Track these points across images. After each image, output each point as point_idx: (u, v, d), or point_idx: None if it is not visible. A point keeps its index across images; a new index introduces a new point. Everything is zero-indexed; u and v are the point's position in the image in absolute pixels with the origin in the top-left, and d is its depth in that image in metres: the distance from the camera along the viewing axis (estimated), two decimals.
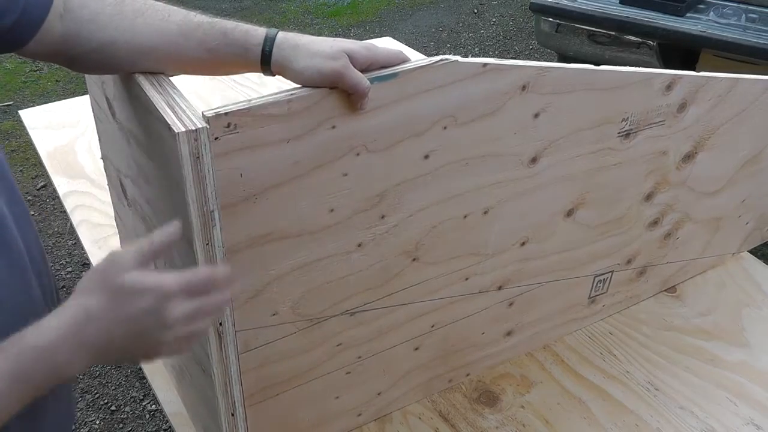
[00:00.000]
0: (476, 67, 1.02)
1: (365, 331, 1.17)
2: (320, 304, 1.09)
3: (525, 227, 1.25)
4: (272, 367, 1.10)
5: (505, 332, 1.39)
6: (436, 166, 1.07)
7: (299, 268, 1.03)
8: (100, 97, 1.26)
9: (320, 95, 0.91)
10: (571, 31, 3.11)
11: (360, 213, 1.04)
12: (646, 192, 1.39)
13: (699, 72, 1.30)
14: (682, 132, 1.34)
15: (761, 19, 2.65)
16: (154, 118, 0.88)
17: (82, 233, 1.82)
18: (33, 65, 4.70)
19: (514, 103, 1.09)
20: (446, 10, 5.77)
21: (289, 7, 5.85)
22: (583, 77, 1.14)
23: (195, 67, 0.99)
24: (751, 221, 1.70)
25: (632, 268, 1.51)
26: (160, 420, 2.38)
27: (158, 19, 0.94)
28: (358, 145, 0.98)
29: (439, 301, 1.23)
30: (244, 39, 0.93)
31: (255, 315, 1.03)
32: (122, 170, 1.26)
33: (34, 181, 3.53)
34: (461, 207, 1.14)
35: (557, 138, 1.17)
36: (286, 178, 0.94)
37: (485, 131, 1.08)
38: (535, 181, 1.20)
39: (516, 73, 1.06)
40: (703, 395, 1.39)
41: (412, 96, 0.98)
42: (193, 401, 1.28)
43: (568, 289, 1.42)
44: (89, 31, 0.93)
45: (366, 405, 1.28)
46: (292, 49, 0.93)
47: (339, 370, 1.19)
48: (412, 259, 1.14)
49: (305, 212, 0.99)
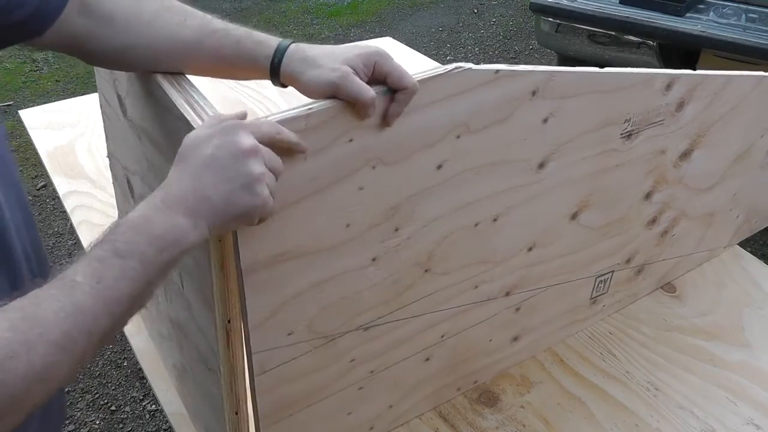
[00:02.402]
0: (489, 74, 1.00)
1: (378, 345, 1.15)
2: (335, 320, 1.06)
3: (532, 232, 1.24)
4: (287, 387, 1.08)
5: (511, 338, 1.38)
6: (448, 176, 1.05)
7: (315, 285, 1.00)
8: (111, 95, 1.24)
9: (337, 109, 0.89)
10: (571, 31, 3.12)
11: (375, 227, 1.01)
12: (645, 191, 1.39)
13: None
14: (679, 130, 1.35)
15: (761, 19, 2.68)
16: (174, 116, 0.88)
17: (82, 233, 1.80)
18: (33, 65, 4.63)
19: (524, 108, 1.07)
20: (446, 10, 5.77)
21: (289, 7, 5.81)
22: (589, 80, 1.14)
23: (208, 73, 0.99)
24: (741, 215, 1.71)
25: (631, 267, 1.51)
26: (160, 420, 2.36)
27: (174, 23, 0.93)
28: (374, 158, 0.95)
29: (450, 311, 1.21)
30: (255, 50, 0.93)
31: (271, 336, 1.00)
32: (130, 168, 1.24)
33: (34, 181, 3.50)
34: (472, 216, 1.13)
35: (564, 142, 1.17)
36: (304, 194, 0.91)
37: (496, 138, 1.07)
38: (543, 186, 1.19)
39: (526, 78, 1.05)
40: (703, 395, 1.39)
41: (426, 105, 0.96)
42: (196, 401, 1.26)
43: (571, 291, 1.41)
44: (107, 32, 0.93)
45: (377, 419, 1.26)
46: (300, 62, 0.92)
47: (352, 386, 1.17)
48: (424, 270, 1.12)
49: (322, 228, 0.96)
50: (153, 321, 1.44)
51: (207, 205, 0.76)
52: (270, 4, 5.87)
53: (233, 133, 0.78)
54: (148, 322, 1.50)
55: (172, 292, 1.17)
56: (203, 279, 0.96)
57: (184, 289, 1.09)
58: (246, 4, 5.83)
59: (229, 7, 5.69)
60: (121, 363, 2.59)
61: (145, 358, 1.48)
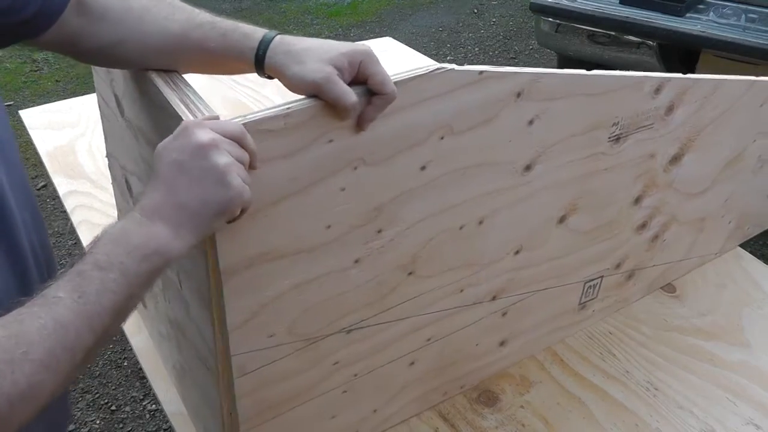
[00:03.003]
0: (472, 74, 0.99)
1: (361, 348, 1.14)
2: (317, 323, 1.05)
3: (519, 236, 1.23)
4: (268, 390, 1.07)
5: (498, 342, 1.37)
6: (432, 178, 1.04)
7: (296, 287, 0.99)
8: (108, 95, 1.24)
9: (317, 108, 0.88)
10: (571, 31, 3.11)
11: (357, 228, 1.00)
12: (635, 195, 1.38)
13: (698, 72, 1.30)
14: (669, 134, 1.34)
15: (761, 19, 2.67)
16: (168, 115, 0.87)
17: (82, 233, 1.80)
18: (33, 65, 4.64)
19: (510, 110, 1.06)
20: (446, 10, 5.78)
21: (289, 7, 5.82)
22: (577, 82, 1.13)
23: (198, 68, 0.99)
24: (733, 220, 1.70)
25: (621, 272, 1.50)
26: (160, 420, 2.35)
27: (162, 17, 0.93)
28: (355, 159, 0.94)
29: (435, 314, 1.20)
30: (241, 42, 0.92)
31: (251, 338, 0.99)
32: (128, 168, 1.24)
33: (34, 181, 3.50)
34: (457, 218, 1.12)
35: (551, 144, 1.16)
36: (284, 194, 0.90)
37: (481, 140, 1.06)
38: (529, 189, 1.18)
39: (511, 80, 1.04)
40: (702, 395, 1.39)
41: (408, 106, 0.95)
42: (195, 401, 1.25)
43: (559, 296, 1.40)
44: (100, 28, 0.93)
45: (362, 423, 1.25)
46: (285, 55, 0.90)
47: (335, 389, 1.16)
48: (408, 273, 1.11)
49: (303, 229, 0.95)
50: (152, 321, 1.43)
51: (184, 212, 0.76)
52: (270, 4, 5.88)
53: (190, 133, 0.78)
54: (148, 321, 1.49)
55: (170, 292, 1.16)
56: (200, 279, 0.96)
57: (182, 289, 1.08)
58: (246, 4, 5.84)
59: (229, 7, 5.70)
60: (121, 363, 2.59)
61: (145, 358, 1.48)
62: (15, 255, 0.87)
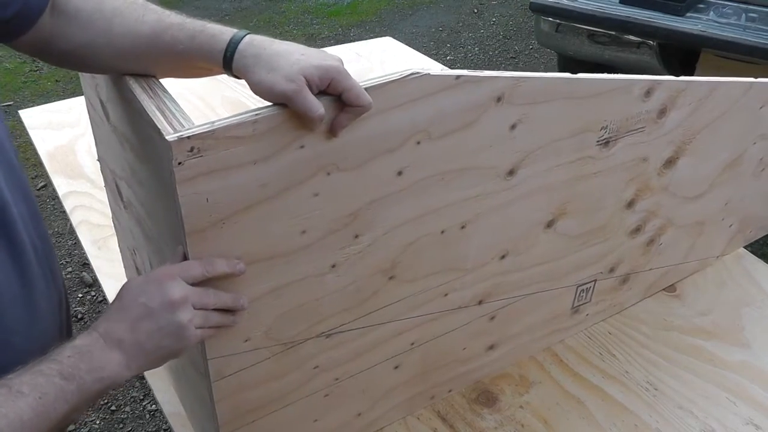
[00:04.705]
0: (449, 79, 0.98)
1: (342, 352, 1.14)
2: (294, 327, 1.05)
3: (504, 240, 1.22)
4: (247, 393, 1.07)
5: (487, 346, 1.36)
6: (410, 182, 1.03)
7: (271, 292, 0.99)
8: (95, 100, 1.25)
9: (287, 114, 0.87)
10: (571, 31, 3.09)
11: (333, 233, 1.00)
12: (627, 199, 1.36)
13: (698, 72, 1.28)
14: (662, 138, 1.32)
15: (761, 18, 2.64)
16: (145, 122, 0.87)
17: (82, 233, 1.82)
18: (33, 65, 4.67)
19: (490, 115, 1.05)
20: (446, 10, 5.75)
21: (289, 7, 5.82)
22: (560, 86, 1.11)
23: (168, 71, 0.97)
24: (735, 224, 1.68)
25: (615, 276, 1.48)
26: (160, 420, 2.37)
27: (133, 20, 0.92)
28: (328, 164, 0.94)
29: (419, 319, 1.20)
30: (209, 43, 0.91)
31: (227, 342, 0.99)
32: (117, 172, 1.24)
33: (34, 181, 3.52)
34: (438, 222, 1.11)
35: (535, 149, 1.14)
36: (255, 201, 0.90)
37: (461, 145, 1.05)
38: (514, 194, 1.17)
39: (490, 84, 1.03)
40: (702, 395, 1.38)
41: (382, 111, 0.94)
42: (191, 402, 1.26)
43: (550, 300, 1.39)
44: (71, 29, 0.93)
45: (346, 426, 1.25)
46: (253, 58, 0.89)
47: (317, 393, 1.16)
48: (389, 277, 1.11)
49: (276, 235, 0.95)
50: None
51: (140, 351, 0.86)
52: (270, 4, 5.86)
53: (163, 286, 0.86)
54: None
55: None
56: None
57: None
58: (246, 4, 5.83)
59: (229, 7, 5.69)
60: None
61: None
62: (15, 249, 0.90)
